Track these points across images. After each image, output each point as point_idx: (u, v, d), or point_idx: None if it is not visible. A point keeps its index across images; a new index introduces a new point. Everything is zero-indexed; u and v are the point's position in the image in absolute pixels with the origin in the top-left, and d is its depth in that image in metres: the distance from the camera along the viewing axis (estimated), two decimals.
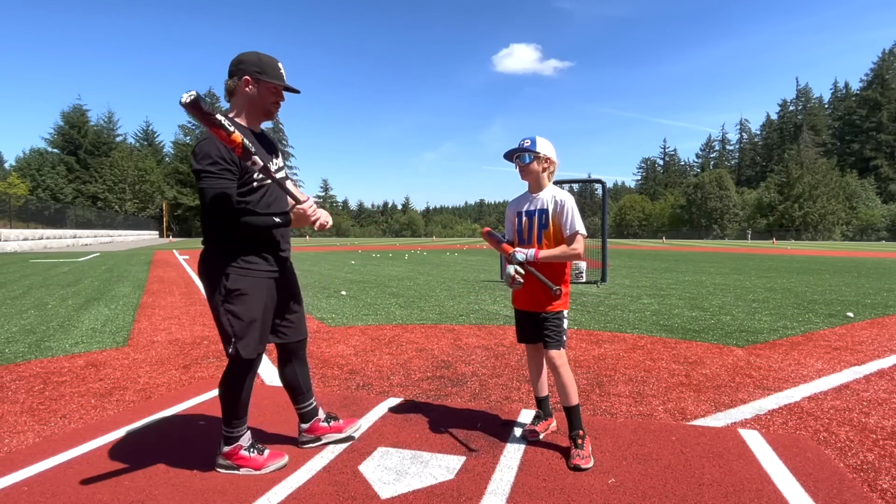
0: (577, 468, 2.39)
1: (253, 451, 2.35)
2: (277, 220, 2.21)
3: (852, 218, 77.38)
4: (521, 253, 2.56)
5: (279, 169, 2.40)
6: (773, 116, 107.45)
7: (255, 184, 2.24)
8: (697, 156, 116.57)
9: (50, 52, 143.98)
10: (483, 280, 11.36)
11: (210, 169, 2.09)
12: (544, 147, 2.65)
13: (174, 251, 26.28)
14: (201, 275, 2.30)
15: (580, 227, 2.57)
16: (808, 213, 76.42)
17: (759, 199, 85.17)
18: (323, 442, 2.61)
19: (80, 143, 75.95)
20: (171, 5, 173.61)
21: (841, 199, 77.42)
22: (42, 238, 29.33)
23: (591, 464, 2.42)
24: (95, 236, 40.86)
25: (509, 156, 2.69)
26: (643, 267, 15.77)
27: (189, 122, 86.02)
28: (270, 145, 2.42)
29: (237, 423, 2.34)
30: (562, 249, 2.58)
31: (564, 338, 2.62)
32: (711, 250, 31.56)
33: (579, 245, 2.56)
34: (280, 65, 2.28)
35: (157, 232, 71.80)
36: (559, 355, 2.58)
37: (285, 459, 2.39)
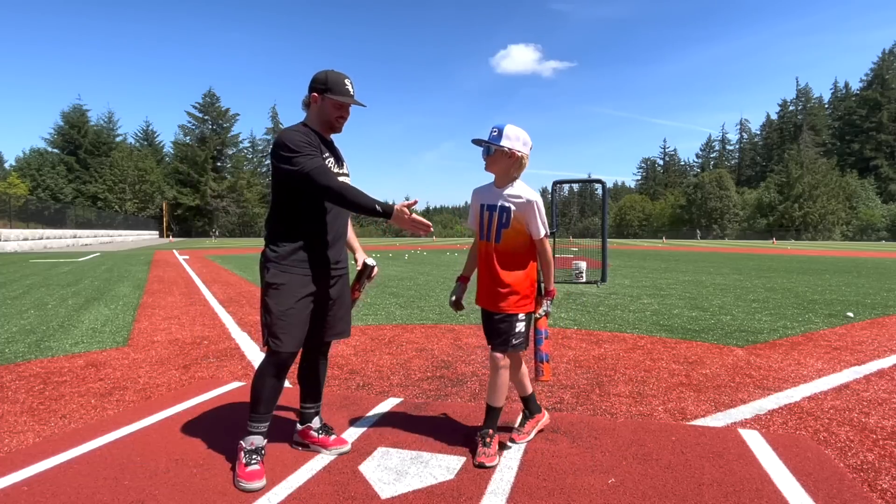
0: (480, 465, 2.39)
1: (245, 457, 2.29)
2: (378, 208, 2.20)
3: (852, 218, 77.40)
4: (549, 306, 2.62)
5: (345, 175, 2.53)
6: (773, 116, 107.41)
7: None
8: (697, 156, 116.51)
9: (50, 52, 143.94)
10: None
11: (304, 150, 2.26)
12: (512, 139, 2.45)
13: (174, 251, 26.29)
14: (260, 268, 2.44)
15: (546, 229, 2.53)
16: (808, 213, 76.44)
17: (759, 199, 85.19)
18: (310, 450, 2.59)
19: (80, 143, 75.92)
20: (170, 5, 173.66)
21: (841, 199, 77.45)
22: (42, 238, 29.34)
23: (495, 462, 2.41)
24: (95, 236, 40.86)
25: (477, 142, 2.51)
26: (643, 267, 15.77)
27: (189, 122, 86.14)
28: (338, 154, 2.55)
29: (255, 418, 2.34)
30: (547, 265, 2.60)
31: (515, 341, 2.51)
32: (711, 250, 31.56)
33: (548, 248, 2.59)
34: (347, 81, 2.41)
35: (157, 232, 71.81)
36: (501, 358, 2.52)
37: (258, 485, 2.19)
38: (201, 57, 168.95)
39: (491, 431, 2.53)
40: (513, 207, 2.50)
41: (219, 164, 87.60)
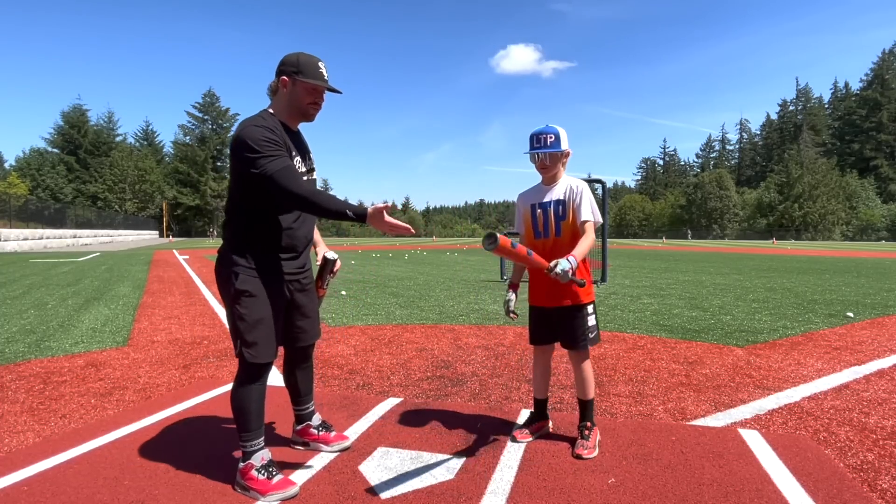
0: (578, 457, 2.44)
1: (263, 473, 2.16)
2: (350, 212, 2.00)
3: (852, 218, 77.39)
4: (567, 269, 2.27)
5: (309, 171, 2.38)
6: (773, 116, 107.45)
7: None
8: (697, 156, 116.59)
9: (50, 52, 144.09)
10: (483, 280, 11.36)
11: (267, 152, 2.05)
12: (565, 141, 2.58)
13: (174, 251, 26.29)
14: (215, 275, 2.27)
15: (594, 215, 2.54)
16: (808, 213, 76.43)
17: (759, 199, 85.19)
18: (311, 448, 2.58)
19: (80, 142, 75.91)
20: (170, 5, 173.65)
21: (841, 199, 77.45)
22: (42, 238, 29.33)
23: (593, 454, 2.46)
24: (95, 236, 40.86)
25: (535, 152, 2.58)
26: (643, 267, 15.77)
27: (189, 122, 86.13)
28: (304, 146, 2.40)
29: (248, 437, 2.20)
30: (587, 244, 2.49)
31: (591, 335, 2.60)
32: (711, 250, 31.56)
33: (593, 234, 2.55)
34: (321, 64, 2.23)
35: (157, 232, 71.80)
36: (578, 354, 2.61)
37: (294, 490, 2.14)
38: (201, 57, 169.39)
39: (589, 424, 2.59)
40: (566, 198, 2.58)
41: (219, 163, 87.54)
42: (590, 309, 2.61)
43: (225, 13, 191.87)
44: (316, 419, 2.63)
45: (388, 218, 2.00)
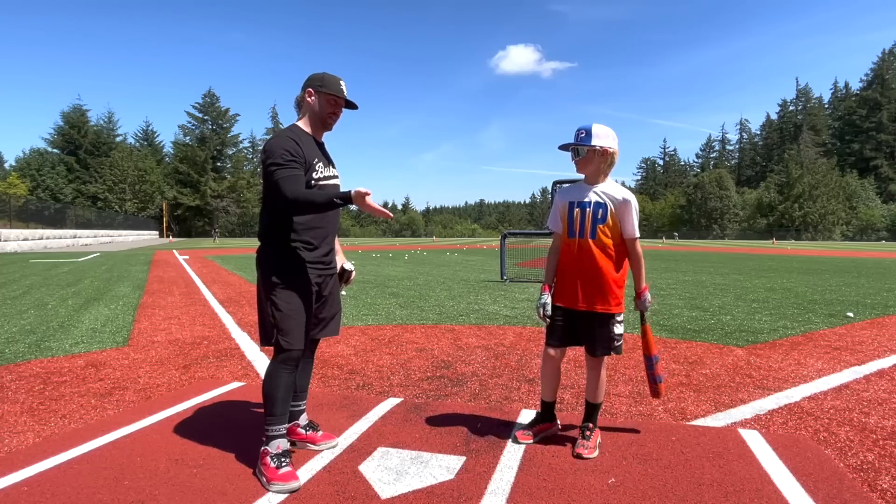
0: (579, 456, 2.44)
1: (274, 462, 2.25)
2: (337, 199, 2.23)
3: (852, 218, 77.45)
4: (649, 301, 2.66)
5: (333, 177, 2.56)
6: (773, 116, 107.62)
7: (312, 182, 2.40)
8: (697, 156, 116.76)
9: (50, 53, 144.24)
10: (483, 280, 11.36)
11: (279, 161, 2.29)
12: (601, 138, 2.53)
13: (174, 251, 26.29)
14: (256, 267, 2.46)
15: (638, 232, 2.57)
16: (808, 213, 76.50)
17: (759, 199, 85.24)
18: (297, 447, 2.59)
19: (80, 143, 75.96)
20: (170, 5, 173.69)
21: (841, 199, 77.52)
22: (42, 238, 29.33)
23: (594, 454, 2.47)
24: (95, 236, 40.84)
25: (565, 147, 2.61)
26: None
27: (189, 122, 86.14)
28: (328, 155, 2.61)
29: (271, 421, 2.34)
30: (643, 265, 2.61)
31: (616, 343, 2.59)
32: (711, 250, 31.56)
33: (640, 249, 2.60)
34: (342, 82, 2.50)
35: (157, 232, 71.79)
36: (602, 360, 2.63)
37: (296, 484, 2.18)
38: (201, 57, 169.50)
39: (591, 425, 2.60)
40: (611, 205, 2.55)
41: (219, 164, 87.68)
42: (619, 318, 2.60)
43: (225, 14, 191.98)
44: (303, 419, 2.66)
45: (369, 201, 2.20)
